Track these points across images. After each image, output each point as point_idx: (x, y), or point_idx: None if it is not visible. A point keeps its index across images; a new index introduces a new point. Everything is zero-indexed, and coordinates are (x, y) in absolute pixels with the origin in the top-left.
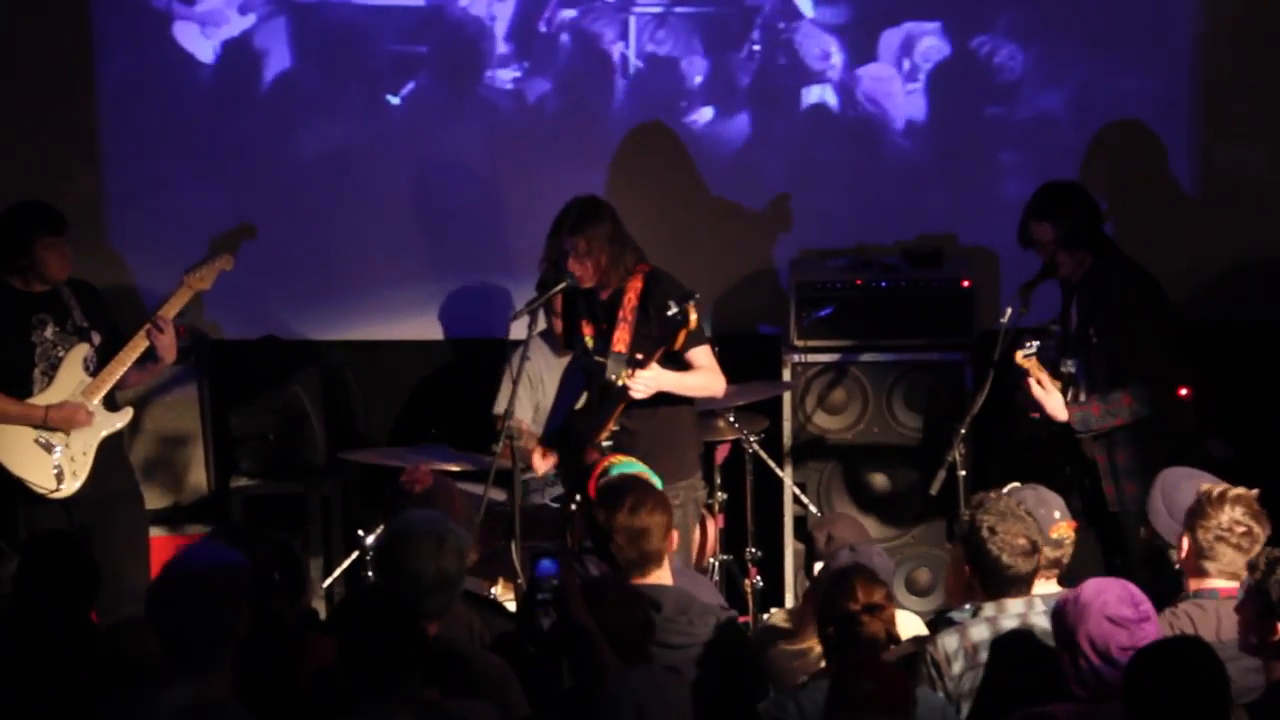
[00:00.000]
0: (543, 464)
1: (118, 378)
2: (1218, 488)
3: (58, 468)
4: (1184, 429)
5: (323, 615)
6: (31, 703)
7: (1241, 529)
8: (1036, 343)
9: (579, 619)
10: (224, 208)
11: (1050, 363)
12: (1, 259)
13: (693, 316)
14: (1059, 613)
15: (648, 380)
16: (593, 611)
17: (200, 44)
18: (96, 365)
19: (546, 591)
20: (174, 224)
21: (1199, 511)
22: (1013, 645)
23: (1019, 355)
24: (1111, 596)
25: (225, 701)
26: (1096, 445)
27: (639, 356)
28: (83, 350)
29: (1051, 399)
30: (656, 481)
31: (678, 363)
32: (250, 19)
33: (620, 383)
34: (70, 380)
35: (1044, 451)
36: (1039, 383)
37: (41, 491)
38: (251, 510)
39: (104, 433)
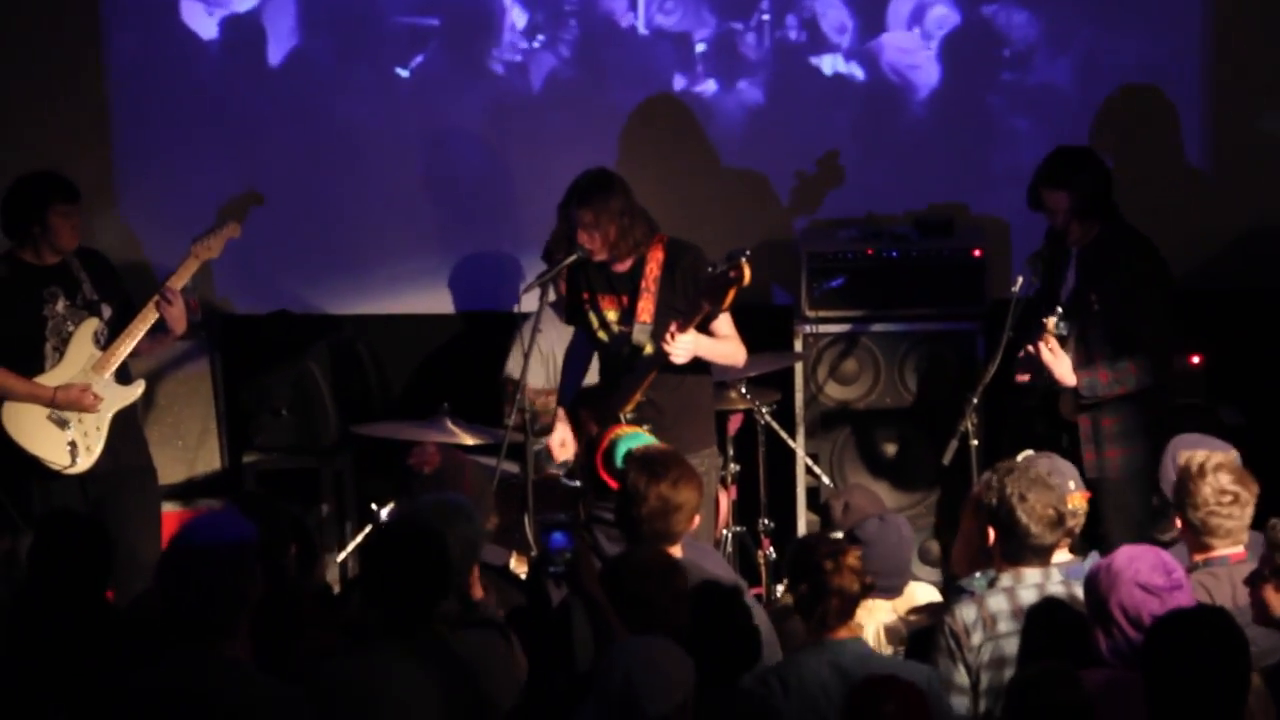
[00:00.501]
0: (562, 451)
1: (128, 351)
2: (1195, 459)
3: (71, 443)
4: (1171, 398)
5: (336, 590)
6: (50, 679)
7: (1228, 497)
8: (1061, 310)
9: (591, 591)
10: (234, 182)
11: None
12: (14, 229)
13: (747, 272)
14: (1091, 581)
15: (687, 345)
16: (632, 582)
17: (208, 18)
18: (107, 338)
19: (559, 564)
20: (184, 198)
21: (1183, 490)
22: (1045, 614)
23: (1051, 322)
24: (1144, 565)
25: (241, 663)
26: (1080, 410)
27: (678, 321)
28: (93, 324)
29: (1061, 364)
30: None
31: (705, 329)
32: None
33: (649, 350)
34: (80, 355)
35: (1044, 419)
36: (1050, 349)
37: (56, 468)
38: (264, 485)
39: (116, 407)
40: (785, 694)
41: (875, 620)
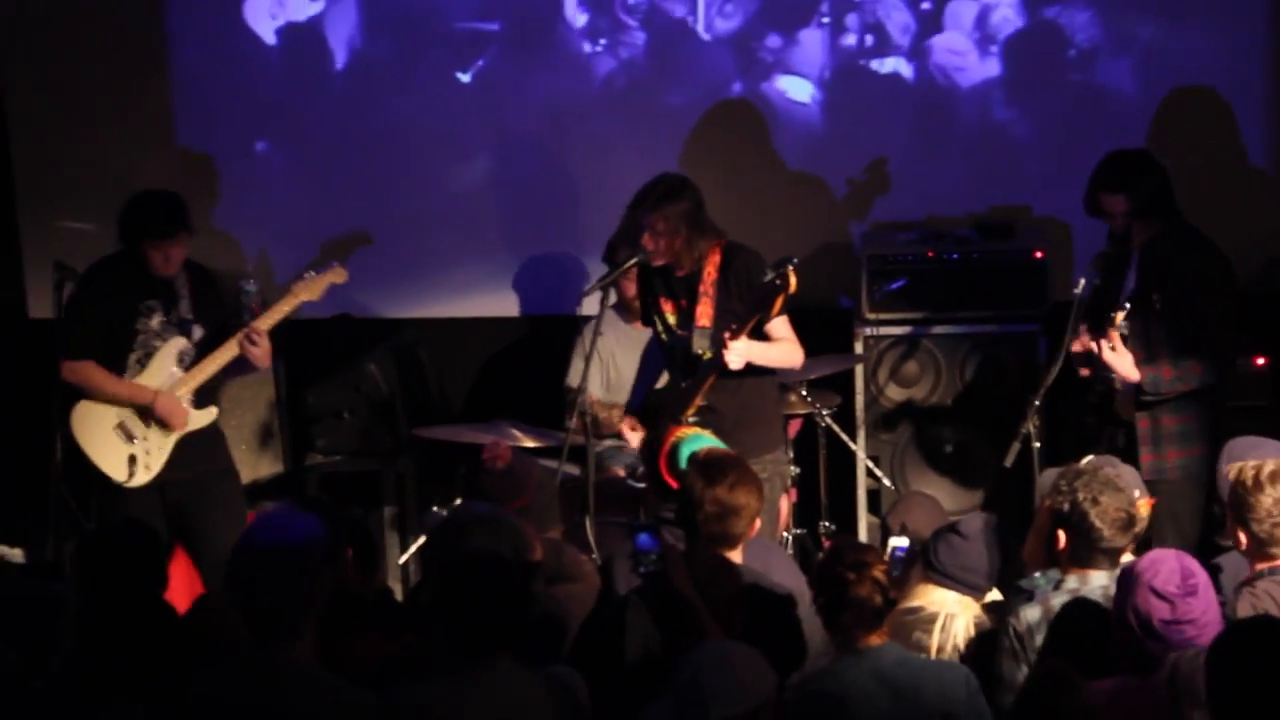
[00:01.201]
0: (634, 436)
1: (206, 378)
2: (1248, 472)
3: (131, 458)
4: (1226, 399)
5: (398, 593)
6: (115, 684)
7: None
8: (1129, 305)
9: (683, 590)
10: (297, 188)
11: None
12: (121, 235)
13: (793, 281)
14: (1117, 584)
15: (740, 352)
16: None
17: (271, 25)
18: (191, 360)
19: (649, 564)
20: (247, 205)
21: (1241, 504)
22: (1074, 616)
23: (1119, 316)
24: (1163, 569)
25: (309, 664)
26: (1140, 409)
27: (732, 327)
28: (179, 344)
29: (1123, 360)
30: None
31: (761, 333)
32: (320, 1)
33: (706, 355)
34: (161, 372)
35: (1100, 418)
36: (1112, 347)
37: (114, 480)
38: (327, 488)
39: (187, 429)
40: (832, 710)
41: (968, 614)
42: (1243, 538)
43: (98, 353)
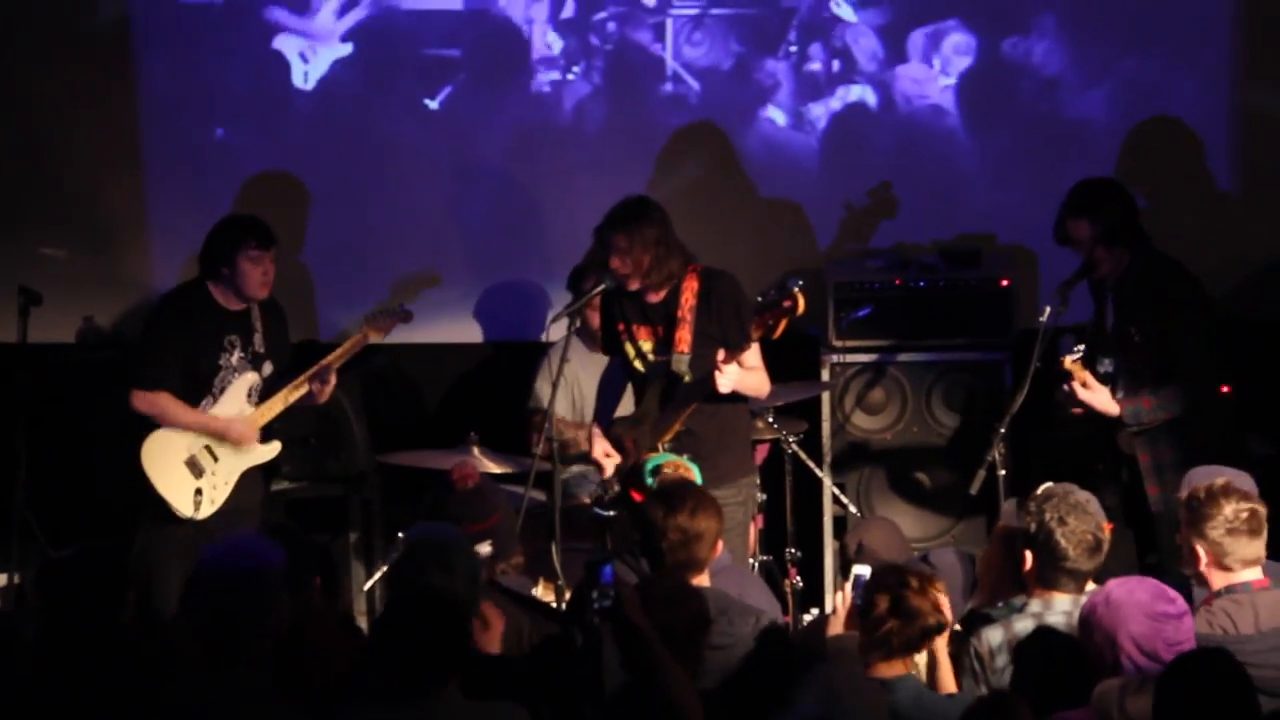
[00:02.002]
0: (608, 462)
1: (275, 415)
2: (1203, 487)
3: (198, 491)
4: (1227, 426)
5: (363, 613)
6: (70, 706)
7: (1246, 513)
8: (1083, 346)
9: (637, 622)
10: (264, 213)
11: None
12: (209, 266)
13: (801, 303)
14: (1089, 618)
15: (733, 375)
16: (653, 611)
17: (238, 49)
18: (260, 395)
19: (606, 598)
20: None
21: (1198, 516)
22: (1039, 645)
23: (1067, 360)
24: (1145, 595)
25: (261, 690)
26: (1140, 442)
27: (727, 351)
28: (250, 379)
29: (1099, 396)
30: (696, 475)
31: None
32: (292, 22)
33: (688, 379)
34: (233, 406)
35: (1083, 450)
36: (1083, 384)
37: (180, 513)
38: (293, 513)
39: (251, 463)
40: None
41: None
42: (1201, 554)
43: (175, 384)
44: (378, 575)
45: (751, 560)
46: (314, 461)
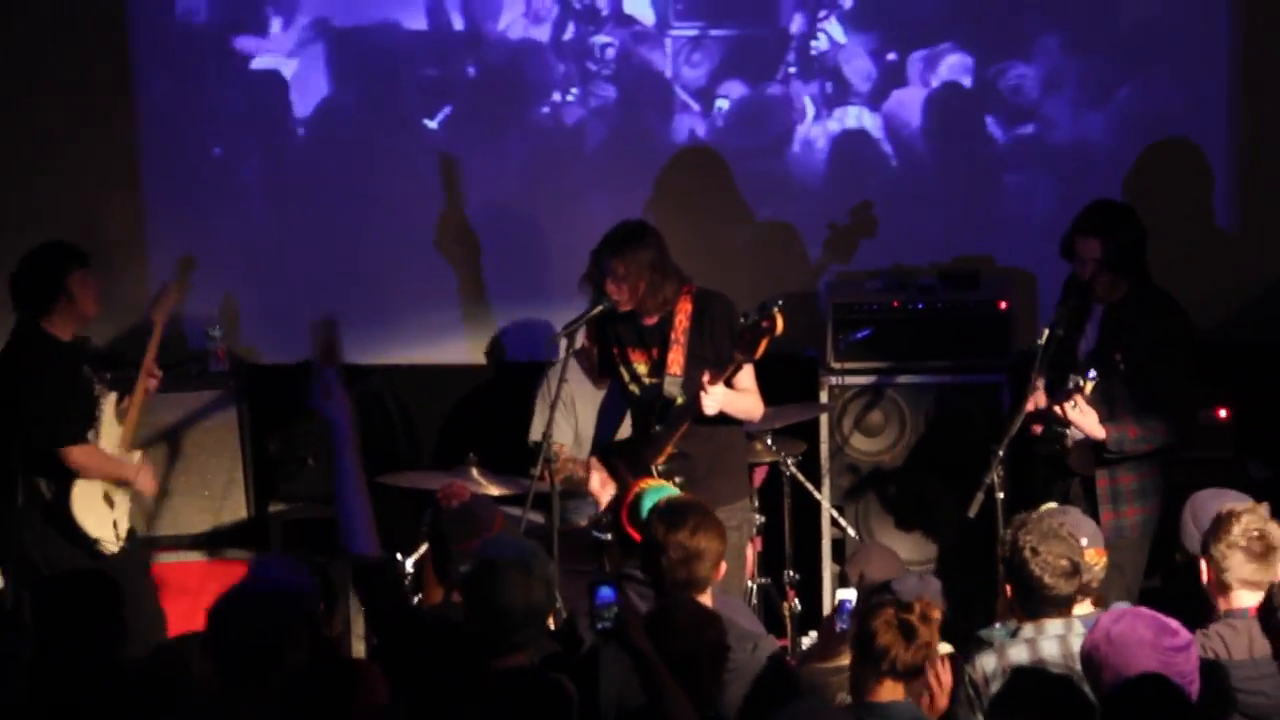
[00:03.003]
0: (605, 492)
1: (135, 427)
2: (1226, 507)
3: (115, 523)
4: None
5: (360, 636)
6: None
7: (1255, 533)
8: (1094, 371)
9: (640, 645)
10: (264, 232)
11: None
12: (40, 299)
13: (780, 322)
14: (1093, 656)
15: (718, 396)
16: (667, 635)
17: (238, 67)
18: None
19: (607, 620)
20: (214, 247)
21: (1213, 532)
22: (1033, 678)
23: (1089, 386)
24: (1149, 631)
25: (270, 712)
26: (1100, 466)
27: (711, 371)
28: (111, 399)
29: (1088, 419)
30: None
31: (727, 382)
32: (289, 44)
33: (680, 401)
34: (111, 432)
35: (1045, 469)
36: (1075, 406)
37: (104, 549)
38: (290, 535)
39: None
40: None
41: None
42: (1206, 569)
43: (84, 430)
44: None
45: (749, 583)
46: (312, 482)
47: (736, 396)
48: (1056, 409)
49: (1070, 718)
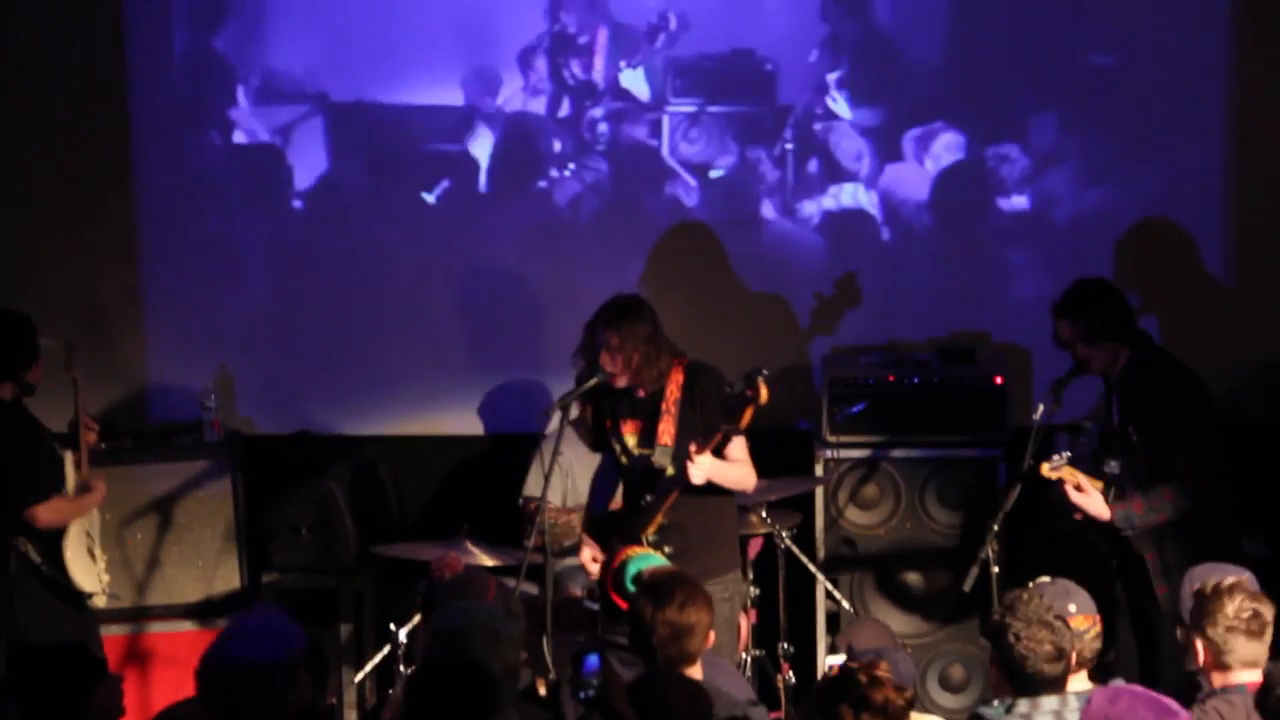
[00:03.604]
0: (595, 566)
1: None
2: (1211, 583)
3: (100, 576)
4: (1224, 526)
5: (353, 706)
6: None
7: (1248, 613)
8: (1066, 453)
9: (623, 714)
10: (261, 304)
11: (1085, 460)
12: (7, 373)
13: (764, 392)
14: None
15: (705, 466)
16: (652, 707)
17: (237, 142)
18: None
19: (591, 688)
20: (211, 320)
21: (1202, 611)
22: None
23: (1045, 469)
24: (1149, 711)
25: None
26: (1144, 543)
27: (698, 442)
28: (70, 458)
29: (1092, 501)
30: None
31: (718, 453)
32: (288, 118)
33: (670, 472)
34: (71, 489)
35: (1081, 545)
36: (1077, 487)
37: (95, 603)
38: (283, 604)
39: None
40: None
41: None
42: (1201, 650)
43: (57, 489)
44: (369, 667)
45: (743, 655)
46: (306, 552)
47: (726, 467)
48: (1064, 495)
49: None
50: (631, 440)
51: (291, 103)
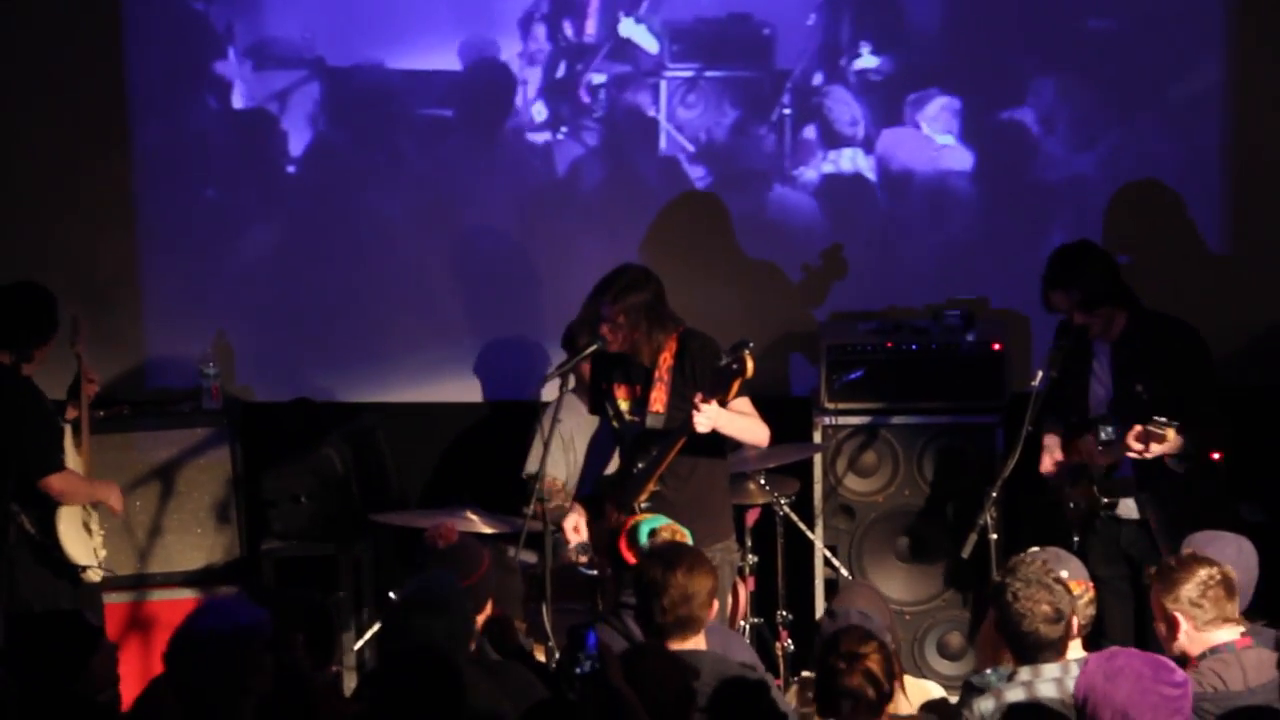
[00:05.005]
0: (575, 536)
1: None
2: (1172, 557)
3: (95, 551)
4: (1220, 490)
5: (354, 671)
6: None
7: (1216, 577)
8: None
9: (620, 688)
10: (258, 271)
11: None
12: (24, 346)
13: (749, 364)
14: (1090, 698)
15: (711, 415)
16: (631, 680)
17: (234, 107)
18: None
19: (587, 663)
20: (209, 287)
21: (1166, 589)
22: (1025, 714)
23: (1132, 440)
24: (1147, 669)
25: None
26: (1149, 503)
27: (701, 393)
28: (68, 431)
29: (1164, 445)
30: (688, 536)
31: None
32: (284, 83)
33: (662, 426)
34: (73, 460)
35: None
36: (1148, 435)
37: (89, 577)
38: (283, 572)
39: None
40: None
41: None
42: (1180, 619)
43: (62, 460)
44: (368, 635)
45: (742, 623)
46: (304, 520)
47: (734, 417)
48: (1134, 447)
49: None
50: (624, 405)
51: (288, 68)
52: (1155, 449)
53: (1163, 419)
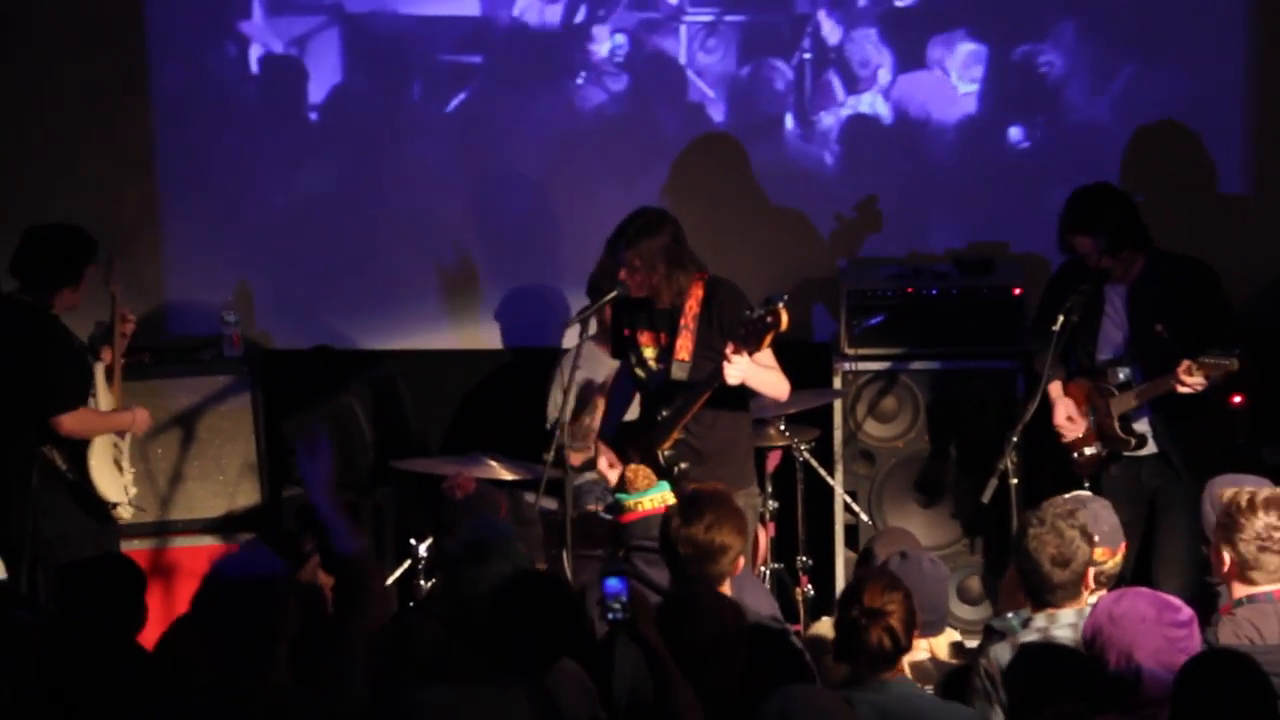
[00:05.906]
0: (613, 472)
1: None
2: (1243, 495)
3: (126, 487)
4: (1234, 435)
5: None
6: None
7: (1279, 530)
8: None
9: (649, 637)
10: (278, 217)
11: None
12: (54, 281)
13: (784, 318)
14: (1096, 639)
15: (741, 366)
16: (685, 624)
17: (254, 54)
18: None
19: (617, 610)
20: (229, 234)
21: (1231, 525)
22: (1042, 655)
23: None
24: (1151, 609)
25: (282, 688)
26: (1167, 440)
27: (733, 344)
28: (99, 368)
29: (1198, 375)
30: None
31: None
32: (304, 29)
33: (687, 376)
34: (105, 400)
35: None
36: (1193, 372)
37: (120, 514)
38: (303, 519)
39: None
40: None
41: (905, 658)
42: (1227, 558)
43: (84, 397)
44: (389, 582)
45: (763, 568)
46: None
47: (760, 370)
48: (1188, 381)
49: (1087, 688)
50: (649, 353)
51: (307, 14)
52: (1191, 382)
53: (1217, 351)
